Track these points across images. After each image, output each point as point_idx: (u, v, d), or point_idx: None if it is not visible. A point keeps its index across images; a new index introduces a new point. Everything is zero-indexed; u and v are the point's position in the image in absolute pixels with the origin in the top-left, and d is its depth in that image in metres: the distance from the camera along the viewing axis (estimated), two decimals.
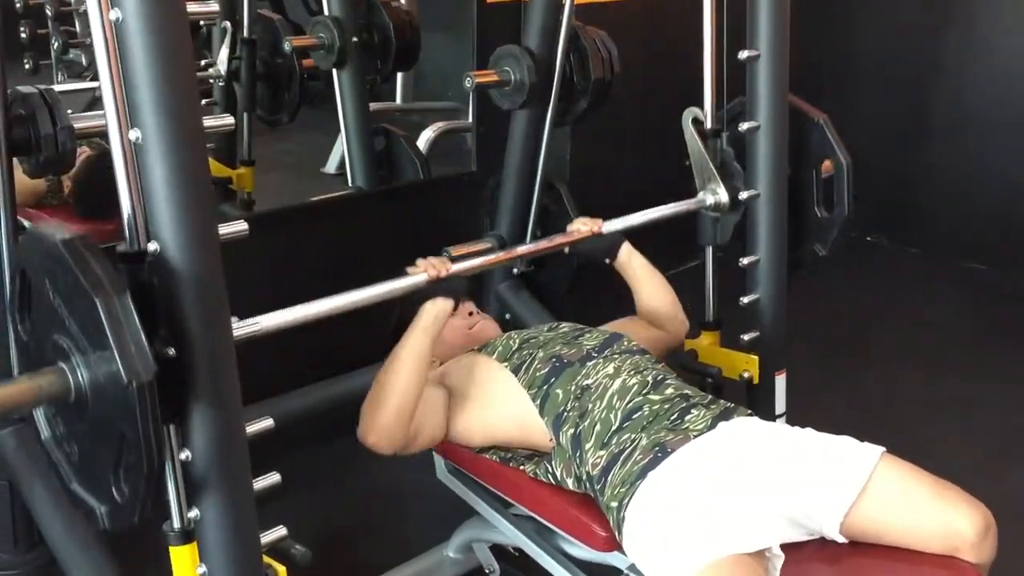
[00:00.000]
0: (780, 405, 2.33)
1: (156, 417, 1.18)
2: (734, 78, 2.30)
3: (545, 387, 1.83)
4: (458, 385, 1.91)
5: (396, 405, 1.78)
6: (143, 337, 1.17)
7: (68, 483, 1.36)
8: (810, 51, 2.37)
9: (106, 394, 1.21)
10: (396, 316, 2.06)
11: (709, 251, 2.40)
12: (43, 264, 1.26)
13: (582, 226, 2.11)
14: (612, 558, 1.74)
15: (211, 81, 3.01)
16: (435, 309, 1.83)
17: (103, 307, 1.16)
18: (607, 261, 2.14)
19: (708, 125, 2.33)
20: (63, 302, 1.24)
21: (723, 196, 2.29)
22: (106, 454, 1.25)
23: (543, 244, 2.18)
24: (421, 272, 1.85)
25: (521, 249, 2.20)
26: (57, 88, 1.68)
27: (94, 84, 1.74)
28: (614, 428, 1.74)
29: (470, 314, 2.11)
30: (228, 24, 3.00)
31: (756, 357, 2.28)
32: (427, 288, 1.84)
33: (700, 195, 2.32)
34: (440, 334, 1.86)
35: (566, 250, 2.16)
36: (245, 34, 2.96)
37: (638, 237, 2.21)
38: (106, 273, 1.19)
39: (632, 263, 2.15)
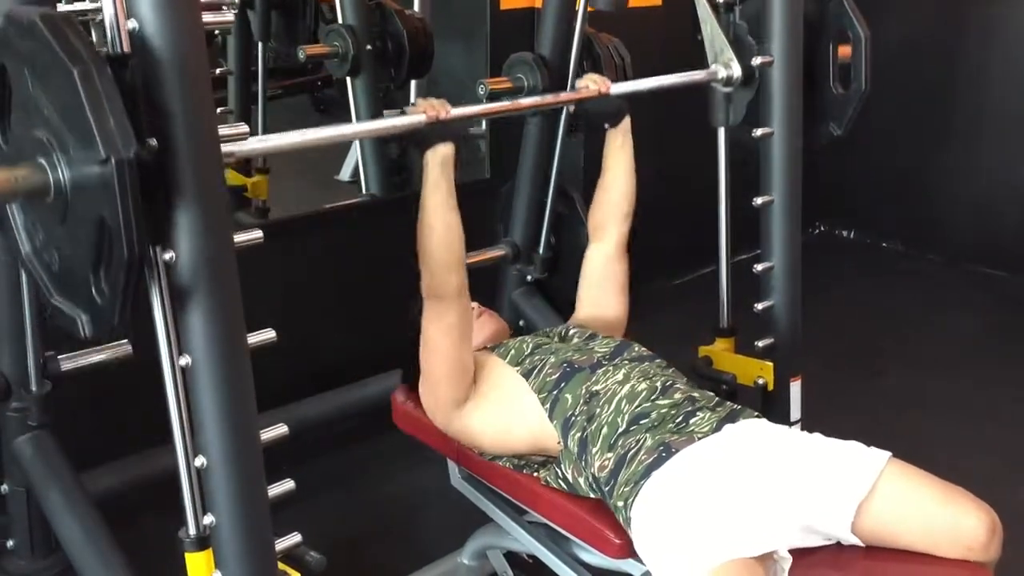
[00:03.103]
0: (795, 411, 2.32)
1: (137, 198, 1.14)
2: None
3: (555, 392, 1.84)
4: (474, 383, 1.91)
5: (443, 257, 1.79)
6: (124, 113, 1.13)
7: (50, 297, 1.31)
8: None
9: (85, 183, 1.16)
10: (415, 310, 2.07)
11: (721, 132, 2.34)
12: (21, 48, 1.21)
13: (591, 83, 2.09)
14: (626, 565, 1.74)
15: (224, 7, 2.95)
16: (438, 156, 1.80)
17: (80, 78, 1.12)
18: (606, 126, 2.13)
19: None
20: (42, 88, 1.18)
21: (736, 70, 2.22)
22: (86, 254, 1.21)
23: (550, 99, 2.14)
24: (420, 112, 1.80)
25: (526, 101, 2.15)
26: None
27: None
28: (621, 431, 1.75)
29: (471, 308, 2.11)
30: None
31: (771, 363, 2.27)
32: (425, 130, 1.79)
33: (712, 67, 2.24)
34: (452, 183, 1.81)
35: (571, 108, 2.12)
36: None
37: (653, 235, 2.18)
38: (87, 48, 1.15)
39: (625, 139, 2.15)
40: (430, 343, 1.87)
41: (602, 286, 2.16)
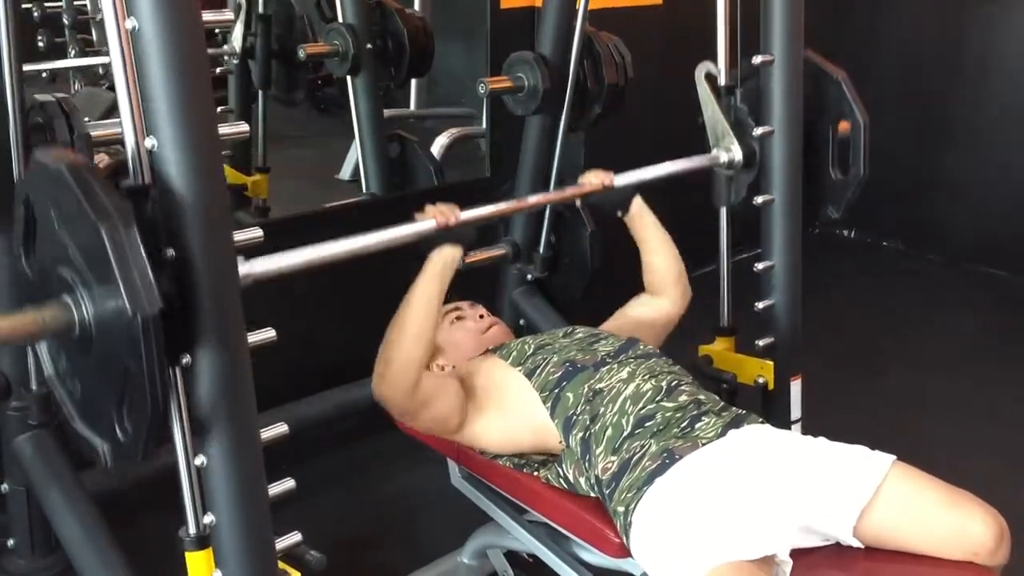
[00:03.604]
0: (795, 411, 2.32)
1: (161, 352, 1.15)
2: (748, 35, 2.23)
3: (556, 390, 1.83)
4: (474, 388, 1.90)
5: (406, 352, 1.75)
6: (149, 269, 1.14)
7: (71, 421, 1.32)
8: (828, 56, 2.36)
9: (110, 328, 1.17)
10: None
11: (723, 212, 2.36)
12: (48, 191, 1.22)
13: (594, 178, 2.07)
14: (626, 564, 1.74)
15: (225, 58, 2.96)
16: (443, 257, 1.80)
17: (108, 236, 1.13)
18: (619, 214, 2.12)
19: (722, 81, 2.27)
20: (68, 232, 1.20)
21: (737, 154, 2.23)
22: (109, 391, 1.21)
23: (553, 195, 2.18)
24: (429, 219, 1.79)
25: (532, 199, 2.18)
26: None
27: None
28: (626, 434, 1.74)
29: (480, 317, 2.11)
30: (243, 0, 2.98)
31: (771, 363, 2.27)
32: (435, 235, 1.79)
33: (714, 152, 2.26)
34: (444, 289, 1.81)
35: (578, 203, 2.15)
36: (261, 10, 2.96)
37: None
38: (112, 202, 1.15)
39: (644, 218, 2.13)
40: (403, 418, 1.85)
41: (649, 309, 2.15)
